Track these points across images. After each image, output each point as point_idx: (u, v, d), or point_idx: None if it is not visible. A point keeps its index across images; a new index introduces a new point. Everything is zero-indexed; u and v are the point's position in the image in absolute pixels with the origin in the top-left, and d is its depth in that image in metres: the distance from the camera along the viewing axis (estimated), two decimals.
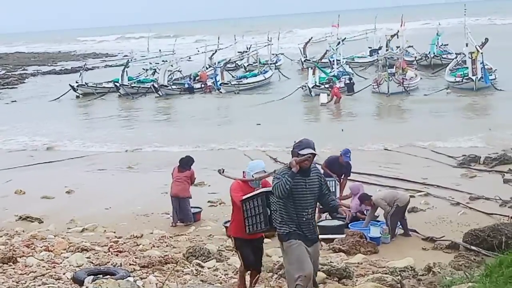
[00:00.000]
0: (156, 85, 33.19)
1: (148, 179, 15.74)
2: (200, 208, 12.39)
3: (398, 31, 40.21)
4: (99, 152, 19.87)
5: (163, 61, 37.31)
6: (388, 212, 10.37)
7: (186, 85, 34.09)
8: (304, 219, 6.18)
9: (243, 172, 7.03)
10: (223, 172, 7.45)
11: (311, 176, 6.28)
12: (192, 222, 11.78)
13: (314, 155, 6.25)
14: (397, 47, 39.11)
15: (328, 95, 27.26)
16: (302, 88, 29.53)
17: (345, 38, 37.74)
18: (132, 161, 18.11)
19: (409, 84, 28.54)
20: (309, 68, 31.06)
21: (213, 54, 39.82)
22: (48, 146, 21.21)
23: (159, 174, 15.81)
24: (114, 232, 11.12)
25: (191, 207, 12.00)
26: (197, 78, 35.52)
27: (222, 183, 14.52)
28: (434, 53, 38.12)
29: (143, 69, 39.28)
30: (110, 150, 20.09)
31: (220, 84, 32.97)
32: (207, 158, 16.63)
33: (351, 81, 30.75)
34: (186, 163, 12.11)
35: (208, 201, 13.10)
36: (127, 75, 34.96)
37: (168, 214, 12.15)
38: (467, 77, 27.94)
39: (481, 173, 14.57)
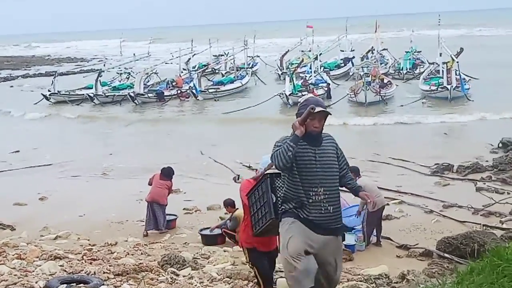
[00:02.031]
0: (132, 94, 32.38)
1: (123, 186, 15.60)
2: (176, 215, 12.35)
3: (373, 47, 40.56)
4: (72, 158, 19.54)
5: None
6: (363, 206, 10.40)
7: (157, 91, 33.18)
8: (311, 200, 4.95)
9: (256, 170, 6.33)
10: (238, 179, 7.14)
11: (324, 146, 5.07)
12: (165, 230, 11.73)
13: (326, 114, 5.03)
14: (372, 49, 39.38)
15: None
16: (280, 96, 29.51)
17: (321, 53, 38.10)
18: (107, 168, 17.95)
19: (385, 93, 28.79)
20: (287, 76, 31.17)
21: (189, 59, 39.55)
22: (19, 152, 20.83)
23: (134, 181, 15.70)
24: (88, 240, 11.00)
25: (167, 214, 11.97)
26: (173, 83, 34.91)
27: (198, 191, 14.59)
28: (407, 69, 38.38)
29: (117, 73, 38.94)
30: (84, 157, 19.82)
31: (198, 91, 32.71)
32: (182, 165, 16.53)
33: (329, 86, 31.42)
34: (168, 173, 12.12)
35: (184, 209, 13.09)
36: (100, 83, 34.29)
37: (143, 221, 12.07)
38: (442, 86, 28.17)
39: (454, 181, 14.79)
